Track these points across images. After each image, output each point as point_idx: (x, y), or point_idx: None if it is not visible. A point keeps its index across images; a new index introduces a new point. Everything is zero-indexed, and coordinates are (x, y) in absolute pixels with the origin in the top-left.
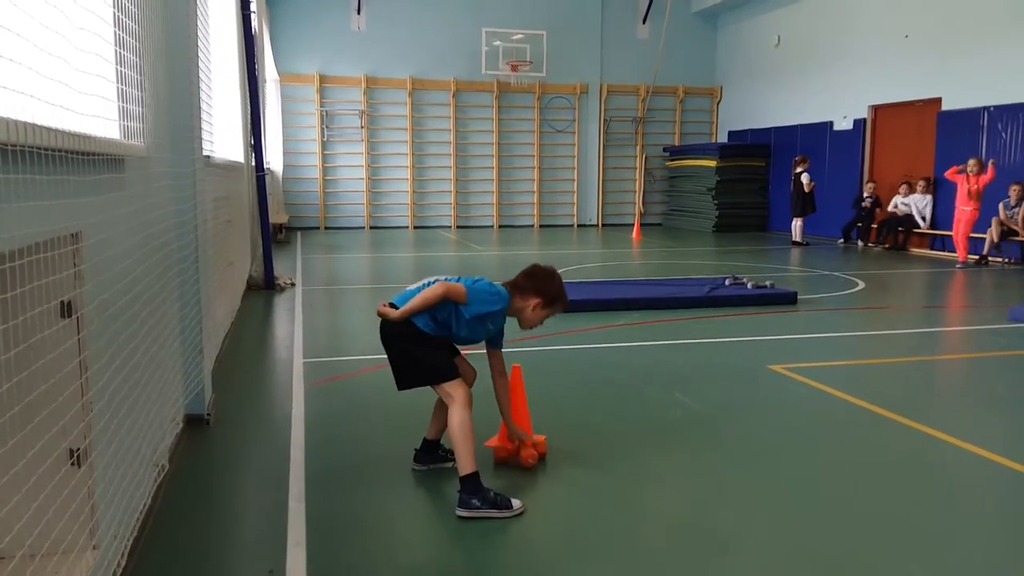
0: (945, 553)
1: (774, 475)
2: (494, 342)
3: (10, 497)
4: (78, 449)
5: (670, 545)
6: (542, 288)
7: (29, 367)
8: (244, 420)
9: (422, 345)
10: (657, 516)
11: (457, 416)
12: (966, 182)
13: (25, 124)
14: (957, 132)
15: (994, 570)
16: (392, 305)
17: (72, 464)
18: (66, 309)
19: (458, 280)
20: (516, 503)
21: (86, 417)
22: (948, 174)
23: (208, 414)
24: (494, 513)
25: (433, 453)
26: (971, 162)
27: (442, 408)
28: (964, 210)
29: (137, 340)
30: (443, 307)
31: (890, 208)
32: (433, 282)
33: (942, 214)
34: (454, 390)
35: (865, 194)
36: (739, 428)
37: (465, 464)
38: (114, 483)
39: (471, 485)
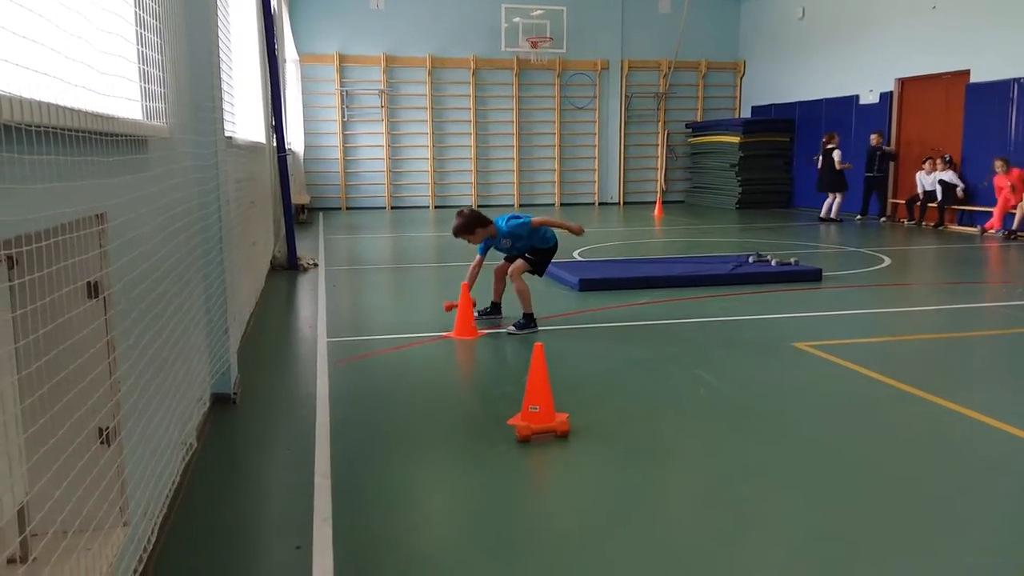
0: (970, 530)
1: (797, 452)
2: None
3: (41, 475)
4: (107, 428)
5: (693, 521)
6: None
7: (57, 347)
8: (270, 399)
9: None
10: (680, 492)
11: (525, 282)
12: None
13: (49, 105)
14: (986, 105)
15: (1020, 547)
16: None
17: (101, 443)
18: (92, 289)
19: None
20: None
21: (114, 396)
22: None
23: (234, 393)
24: (532, 330)
25: (498, 308)
26: (997, 163)
27: (501, 280)
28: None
29: (163, 320)
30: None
31: (919, 189)
32: (527, 218)
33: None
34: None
35: (876, 149)
36: (763, 406)
37: (528, 305)
38: (143, 461)
39: (529, 318)
